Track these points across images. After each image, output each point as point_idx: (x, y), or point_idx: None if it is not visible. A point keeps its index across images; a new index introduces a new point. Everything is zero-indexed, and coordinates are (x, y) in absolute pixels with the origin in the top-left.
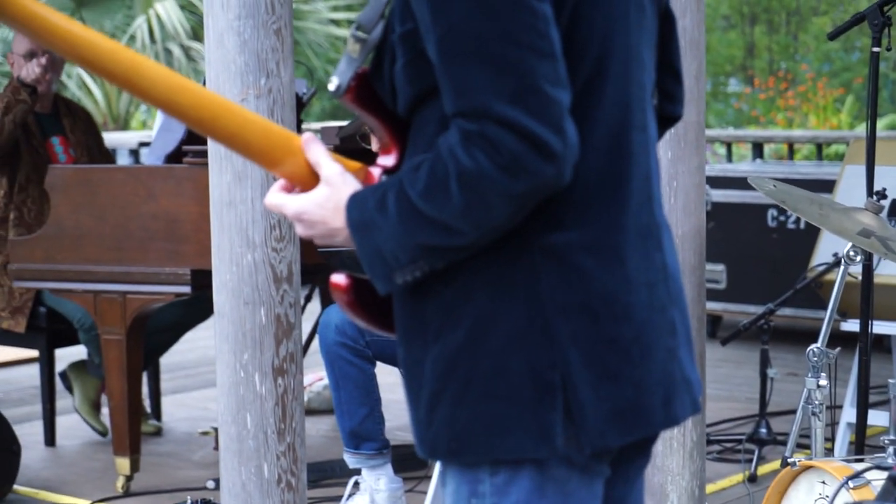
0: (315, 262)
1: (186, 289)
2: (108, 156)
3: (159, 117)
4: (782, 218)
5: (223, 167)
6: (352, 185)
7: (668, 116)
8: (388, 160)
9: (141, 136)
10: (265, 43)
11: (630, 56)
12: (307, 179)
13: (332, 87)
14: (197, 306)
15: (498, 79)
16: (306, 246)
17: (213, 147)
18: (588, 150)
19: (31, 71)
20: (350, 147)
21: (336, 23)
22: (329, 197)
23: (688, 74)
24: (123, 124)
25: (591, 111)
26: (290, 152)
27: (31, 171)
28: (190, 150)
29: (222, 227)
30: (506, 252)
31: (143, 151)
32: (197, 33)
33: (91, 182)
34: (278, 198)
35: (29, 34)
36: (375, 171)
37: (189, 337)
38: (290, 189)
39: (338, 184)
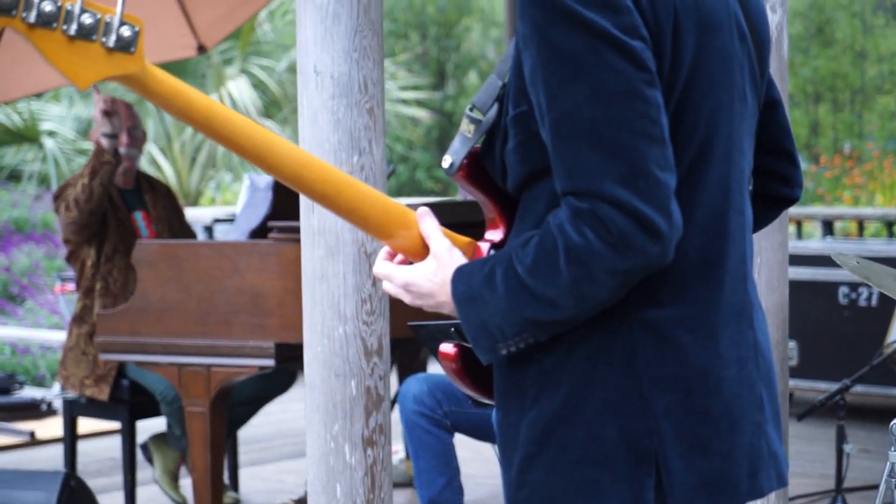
0: (393, 337)
1: (270, 362)
2: (189, 230)
3: (243, 194)
4: (853, 295)
5: (315, 242)
6: (458, 260)
7: (784, 198)
8: (495, 235)
9: (215, 212)
10: (358, 122)
11: (732, 143)
12: (418, 251)
13: (445, 164)
14: (276, 379)
15: (610, 162)
16: (394, 321)
17: (305, 222)
18: (689, 230)
19: (109, 145)
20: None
21: (405, 102)
22: (436, 271)
23: None
24: (194, 200)
25: (694, 193)
26: (405, 226)
27: (118, 243)
28: (275, 225)
29: (314, 301)
30: (605, 325)
31: (219, 227)
32: (268, 111)
33: (177, 257)
34: (386, 267)
35: (170, 110)
36: (484, 246)
37: (263, 410)
38: (393, 257)
39: (445, 258)
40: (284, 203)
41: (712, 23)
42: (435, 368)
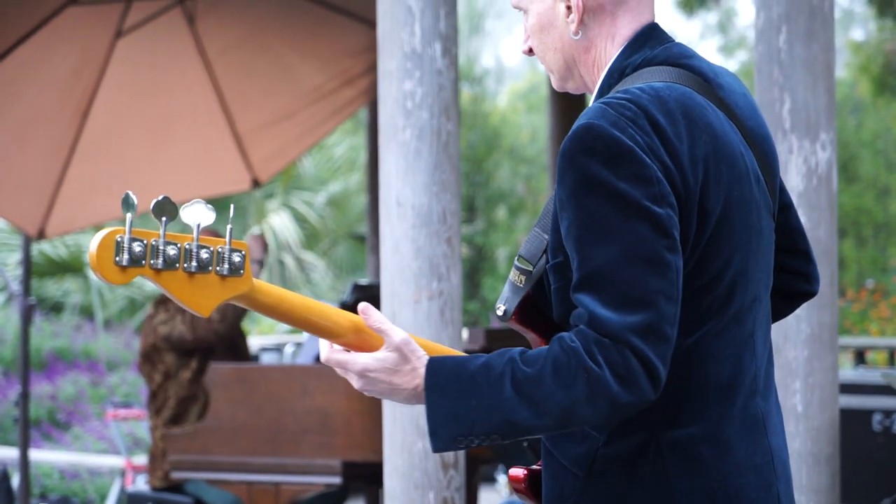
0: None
1: (337, 479)
2: (247, 354)
3: None
4: (887, 422)
5: None
6: (420, 351)
7: (803, 293)
8: None
9: (261, 342)
10: (437, 250)
11: (747, 278)
12: (365, 346)
13: (499, 312)
14: (336, 496)
15: (632, 315)
16: None
17: None
18: (709, 360)
19: None
20: None
21: None
22: (400, 360)
23: (822, 281)
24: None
25: (716, 326)
26: (355, 329)
27: (230, 358)
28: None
29: (395, 418)
30: (634, 446)
31: (265, 357)
32: (309, 244)
33: (248, 379)
34: (339, 355)
35: (275, 316)
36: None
37: None
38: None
39: (408, 349)
40: None
41: (732, 180)
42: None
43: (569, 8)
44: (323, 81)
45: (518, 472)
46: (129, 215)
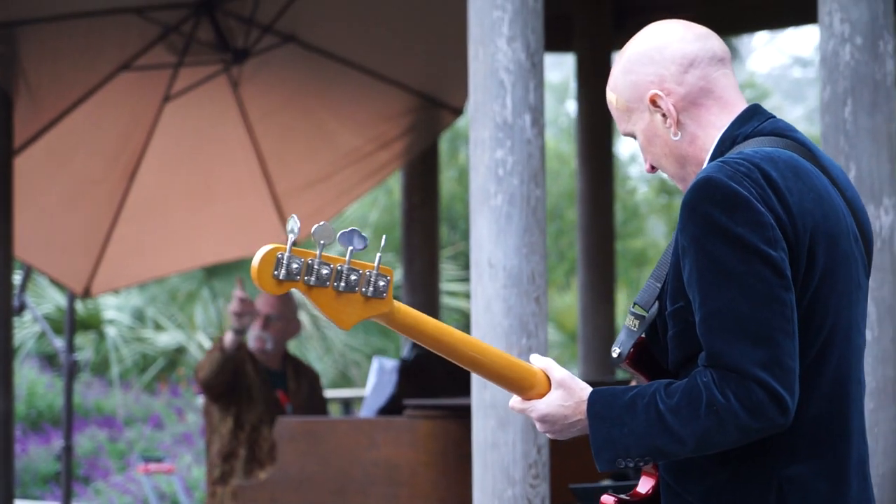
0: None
1: None
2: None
3: (372, 377)
4: None
5: (487, 414)
6: (581, 384)
7: None
8: None
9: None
10: (527, 309)
11: (851, 325)
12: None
13: (614, 354)
14: None
15: (754, 350)
16: (555, 484)
17: (477, 398)
18: (818, 399)
19: (230, 340)
20: None
21: (453, 294)
22: (566, 396)
23: (885, 337)
24: None
25: (822, 369)
26: (531, 382)
27: (265, 413)
28: (410, 404)
29: (486, 466)
30: (755, 480)
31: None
32: None
33: (316, 433)
34: (521, 404)
35: (412, 335)
36: None
37: None
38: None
39: (571, 384)
40: (407, 384)
41: (837, 234)
42: None
43: (664, 116)
44: (360, 144)
45: (610, 500)
46: (291, 237)
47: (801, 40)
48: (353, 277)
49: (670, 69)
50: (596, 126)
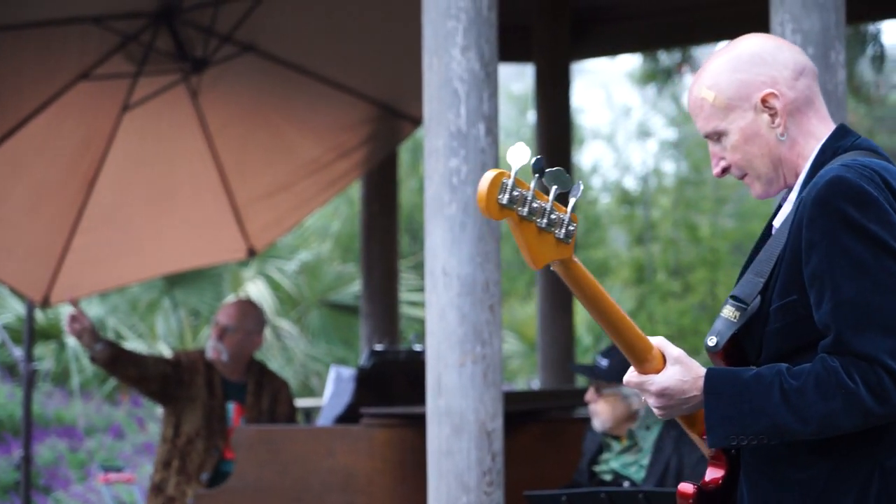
0: None
1: None
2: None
3: (330, 385)
4: None
5: (442, 422)
6: (696, 362)
7: None
8: None
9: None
10: (481, 316)
11: None
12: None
13: (711, 343)
14: None
15: (884, 339)
16: (510, 491)
17: (432, 404)
18: None
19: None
20: None
21: (413, 304)
22: (684, 371)
23: None
24: None
25: None
26: (649, 351)
27: (202, 428)
28: (367, 412)
29: (440, 474)
30: (857, 469)
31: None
32: (284, 310)
33: (273, 441)
34: (639, 377)
35: (576, 289)
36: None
37: None
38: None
39: (688, 361)
40: (364, 393)
41: None
42: None
43: (772, 116)
44: (319, 154)
45: (688, 488)
46: (513, 167)
47: None
48: (553, 217)
49: (783, 73)
50: (556, 136)
